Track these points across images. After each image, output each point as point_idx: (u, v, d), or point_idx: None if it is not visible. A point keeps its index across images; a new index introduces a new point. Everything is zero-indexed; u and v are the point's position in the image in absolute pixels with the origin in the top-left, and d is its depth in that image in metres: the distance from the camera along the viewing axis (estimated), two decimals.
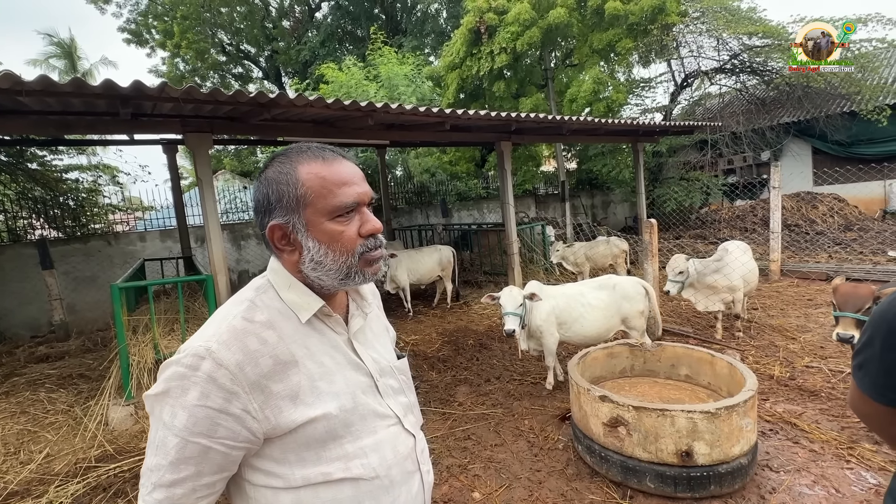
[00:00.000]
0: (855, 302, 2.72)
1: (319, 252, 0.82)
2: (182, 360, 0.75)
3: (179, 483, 0.73)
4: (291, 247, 0.85)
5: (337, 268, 0.83)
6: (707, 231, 10.83)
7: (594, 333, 3.81)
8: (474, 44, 10.23)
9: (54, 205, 7.83)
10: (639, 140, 8.60)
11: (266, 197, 0.84)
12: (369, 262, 0.86)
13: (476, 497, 2.62)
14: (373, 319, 1.01)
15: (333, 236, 0.82)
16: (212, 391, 0.73)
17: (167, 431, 0.73)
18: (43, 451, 3.32)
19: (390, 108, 4.27)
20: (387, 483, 0.86)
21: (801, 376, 3.75)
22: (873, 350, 0.93)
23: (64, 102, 3.44)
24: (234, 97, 3.47)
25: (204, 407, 0.73)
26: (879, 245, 7.89)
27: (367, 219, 0.86)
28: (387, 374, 0.94)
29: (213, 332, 0.79)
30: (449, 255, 6.96)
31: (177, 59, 16.81)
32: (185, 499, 0.74)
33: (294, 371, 0.80)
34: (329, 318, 0.88)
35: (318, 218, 0.82)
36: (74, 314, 6.97)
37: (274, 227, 0.84)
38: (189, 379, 0.73)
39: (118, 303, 3.80)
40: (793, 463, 2.68)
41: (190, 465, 0.73)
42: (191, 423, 0.72)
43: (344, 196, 0.82)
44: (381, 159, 9.02)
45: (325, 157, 0.84)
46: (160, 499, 0.73)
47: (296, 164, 0.83)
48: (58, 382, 4.66)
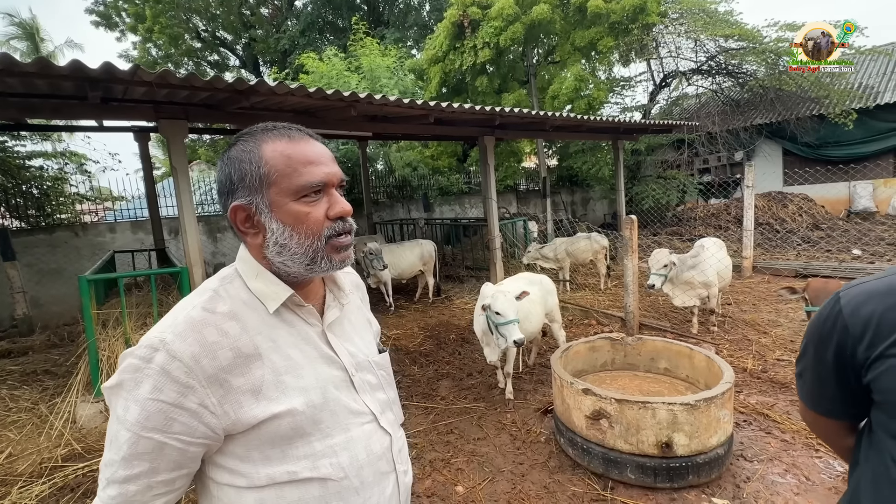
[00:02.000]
0: (826, 297, 2.81)
1: (284, 234, 0.78)
2: (136, 352, 0.72)
3: (133, 479, 0.70)
4: (255, 229, 0.81)
5: (302, 251, 0.78)
6: (683, 228, 11.10)
7: (535, 329, 3.81)
8: (457, 38, 10.18)
9: (16, 193, 7.44)
10: (619, 138, 8.71)
11: (228, 177, 0.80)
12: (337, 247, 0.81)
13: (459, 490, 2.62)
14: (352, 311, 0.97)
15: (298, 218, 0.78)
16: (165, 384, 0.69)
17: (120, 426, 0.70)
18: (5, 450, 3.15)
19: (374, 99, 4.20)
20: (357, 484, 0.82)
21: (772, 369, 3.88)
22: (808, 359, 0.94)
23: (27, 84, 3.25)
24: (210, 83, 3.35)
25: (156, 401, 0.69)
26: (845, 243, 8.23)
27: (335, 200, 0.81)
28: (364, 368, 0.90)
29: (170, 323, 0.75)
30: (431, 249, 6.94)
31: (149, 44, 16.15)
32: (139, 496, 0.70)
33: (257, 364, 0.76)
34: (300, 308, 0.84)
35: (282, 198, 0.78)
36: (39, 308, 6.66)
37: (236, 209, 0.80)
38: (142, 371, 0.70)
39: (87, 296, 3.64)
40: (766, 452, 2.77)
41: (143, 461, 0.70)
42: (143, 417, 0.69)
43: (310, 175, 0.78)
44: (363, 152, 8.91)
45: (291, 135, 0.81)
46: (113, 495, 0.70)
47: (260, 142, 0.79)
48: (21, 379, 4.44)
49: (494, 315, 3.18)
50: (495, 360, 3.56)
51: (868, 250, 7.76)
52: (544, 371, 4.16)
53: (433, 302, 6.94)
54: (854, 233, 8.67)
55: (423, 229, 9.37)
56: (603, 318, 5.44)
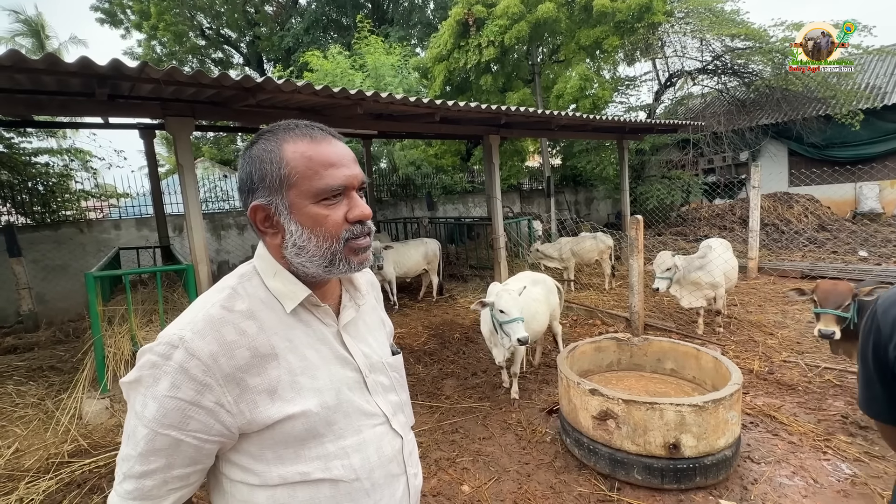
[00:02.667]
0: (835, 299, 2.79)
1: (302, 237, 0.78)
2: (155, 349, 0.72)
3: (149, 475, 0.71)
4: (274, 229, 0.80)
5: (321, 254, 0.78)
6: (687, 229, 11.05)
7: (541, 329, 3.79)
8: (462, 36, 10.15)
9: (22, 189, 7.47)
10: (624, 137, 8.68)
11: (249, 175, 0.80)
12: (355, 250, 0.81)
13: (465, 490, 2.61)
14: (367, 312, 0.96)
15: (318, 220, 0.78)
16: (183, 382, 0.69)
17: (138, 421, 0.71)
18: (11, 445, 3.17)
19: (380, 96, 4.19)
20: (368, 486, 0.82)
21: (779, 371, 3.86)
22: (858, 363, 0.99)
23: (35, 80, 3.25)
24: (218, 80, 3.35)
25: (174, 398, 0.69)
26: (851, 245, 8.18)
27: (355, 203, 0.81)
28: (377, 370, 0.90)
29: (189, 320, 0.75)
30: (435, 248, 6.93)
31: (153, 41, 16.20)
32: (155, 490, 0.71)
33: (273, 365, 0.76)
34: (317, 308, 0.84)
35: (302, 200, 0.77)
36: (44, 304, 6.68)
37: (256, 208, 0.79)
38: (160, 368, 0.70)
39: (93, 292, 3.64)
40: (773, 454, 2.75)
41: (160, 457, 0.70)
42: (160, 414, 0.69)
43: (330, 178, 0.77)
44: (367, 150, 8.90)
45: (313, 135, 0.80)
46: (130, 490, 0.71)
47: (281, 141, 0.78)
48: (27, 375, 4.46)
49: (498, 313, 3.18)
50: (503, 361, 3.56)
51: (875, 252, 7.72)
52: (549, 371, 4.15)
53: (437, 301, 6.93)
54: (861, 234, 8.62)
55: (426, 228, 9.37)
56: (608, 318, 5.43)
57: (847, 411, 3.15)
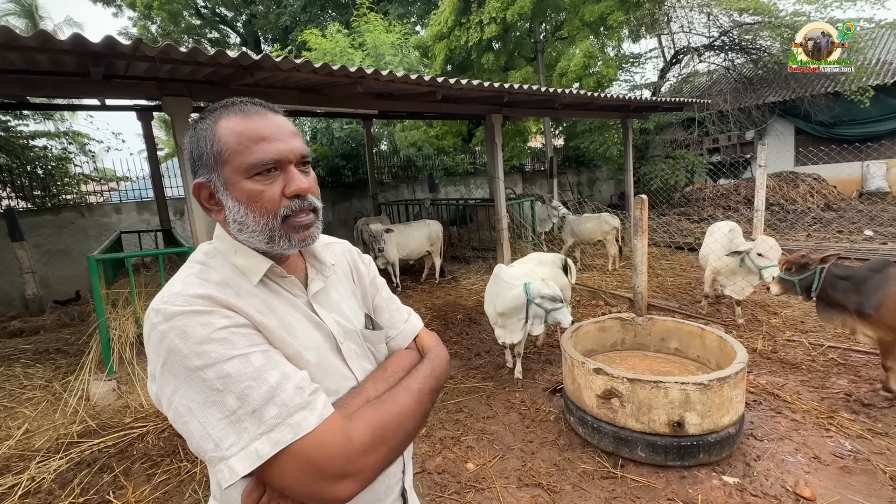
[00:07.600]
0: (786, 264, 3.25)
1: (240, 212, 0.78)
2: (153, 320, 0.69)
3: (288, 376, 0.70)
4: (218, 206, 0.81)
5: (259, 229, 0.78)
6: (691, 209, 10.97)
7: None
8: (463, 13, 9.91)
9: (21, 173, 7.42)
10: (629, 116, 8.54)
11: (191, 154, 0.81)
12: (295, 227, 0.79)
13: (470, 468, 2.64)
14: (336, 281, 0.95)
15: (252, 196, 0.77)
16: (202, 317, 0.69)
17: (217, 370, 0.65)
18: (22, 426, 3.21)
19: (381, 75, 4.10)
20: None
21: (782, 349, 3.86)
22: None
23: (28, 59, 3.19)
24: (214, 58, 3.28)
25: (217, 329, 0.68)
26: (857, 225, 8.11)
27: (291, 178, 0.78)
28: (351, 338, 0.89)
29: (166, 291, 0.74)
30: (438, 230, 6.90)
31: (148, 21, 15.87)
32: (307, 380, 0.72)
33: (259, 322, 0.75)
34: (283, 279, 0.83)
35: (235, 176, 0.77)
36: (48, 288, 6.71)
37: (199, 186, 0.81)
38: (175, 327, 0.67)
39: (96, 276, 3.64)
40: (776, 432, 2.77)
41: (270, 361, 0.70)
42: (224, 346, 0.67)
43: (261, 153, 0.76)
44: (367, 132, 8.79)
45: (246, 111, 0.79)
46: (299, 402, 0.68)
47: (216, 119, 0.79)
48: (34, 357, 4.50)
49: (548, 302, 3.20)
50: (510, 342, 3.58)
51: (880, 231, 7.65)
52: (552, 351, 4.16)
53: (439, 282, 6.93)
54: (867, 213, 8.53)
55: (428, 210, 9.31)
56: (611, 298, 5.42)
57: (850, 389, 3.16)
